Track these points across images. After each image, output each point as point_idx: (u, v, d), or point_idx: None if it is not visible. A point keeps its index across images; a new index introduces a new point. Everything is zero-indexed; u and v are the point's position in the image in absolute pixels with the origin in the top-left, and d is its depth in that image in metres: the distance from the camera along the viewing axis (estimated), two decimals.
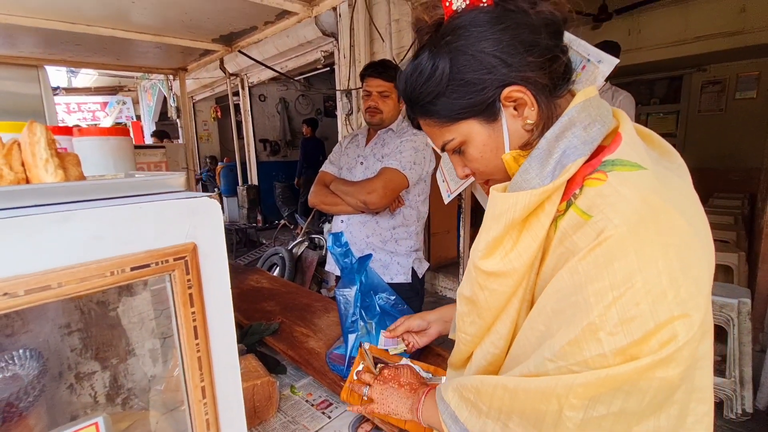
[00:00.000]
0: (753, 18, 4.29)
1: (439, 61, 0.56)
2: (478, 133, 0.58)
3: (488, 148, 0.59)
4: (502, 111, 0.56)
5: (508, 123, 0.57)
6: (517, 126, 0.57)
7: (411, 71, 0.60)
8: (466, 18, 0.55)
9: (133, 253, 0.49)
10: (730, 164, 5.57)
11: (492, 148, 0.59)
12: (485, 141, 0.59)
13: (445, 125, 0.60)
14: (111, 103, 10.05)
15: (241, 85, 6.60)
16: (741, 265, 2.73)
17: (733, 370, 2.01)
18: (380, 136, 1.68)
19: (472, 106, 0.56)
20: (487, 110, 0.56)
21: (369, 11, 3.66)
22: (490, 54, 0.53)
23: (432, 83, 0.57)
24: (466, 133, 0.59)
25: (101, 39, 1.78)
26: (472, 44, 0.54)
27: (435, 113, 0.60)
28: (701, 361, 0.48)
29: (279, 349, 1.20)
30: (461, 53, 0.54)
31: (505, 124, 0.57)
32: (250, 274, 1.92)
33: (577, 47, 0.70)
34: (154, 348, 0.85)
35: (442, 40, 0.56)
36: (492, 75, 0.54)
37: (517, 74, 0.54)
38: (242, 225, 6.17)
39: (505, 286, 0.55)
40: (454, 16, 0.56)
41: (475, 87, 0.55)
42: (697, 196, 0.54)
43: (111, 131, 0.89)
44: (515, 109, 0.56)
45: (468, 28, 0.54)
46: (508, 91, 0.54)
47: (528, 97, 0.54)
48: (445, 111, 0.58)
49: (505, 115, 0.57)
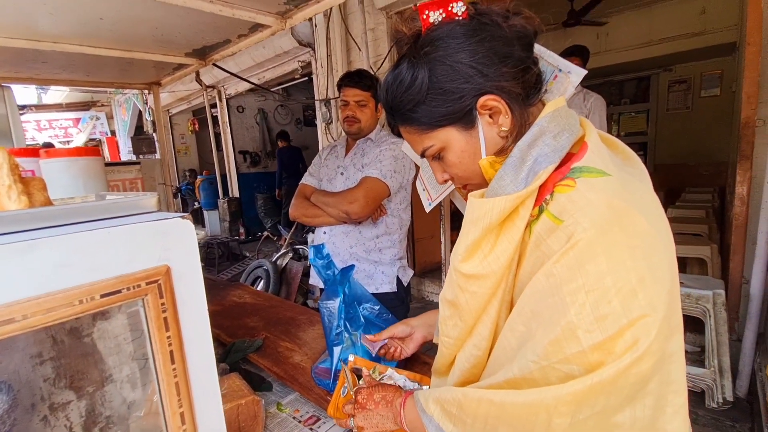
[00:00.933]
0: (713, 19, 4.50)
1: (419, 71, 0.58)
2: (457, 140, 0.61)
3: (466, 154, 0.62)
4: (479, 118, 0.59)
5: (484, 130, 0.59)
6: (493, 133, 0.60)
7: (392, 80, 0.62)
8: (443, 30, 0.57)
9: (102, 280, 0.48)
10: (700, 159, 5.79)
11: (469, 154, 0.61)
12: (463, 147, 0.61)
13: (424, 132, 0.62)
14: (84, 119, 9.80)
15: (218, 96, 6.53)
16: (714, 257, 2.83)
17: (712, 360, 2.06)
18: (359, 146, 1.68)
19: (451, 114, 0.59)
20: (464, 118, 0.59)
21: (344, 21, 3.69)
22: (467, 64, 0.56)
23: (412, 92, 0.59)
24: (445, 140, 0.61)
25: (69, 56, 1.74)
26: (449, 55, 0.56)
27: (415, 121, 0.62)
28: (674, 356, 0.50)
29: (263, 365, 1.17)
30: (440, 63, 0.57)
31: (482, 131, 0.59)
32: (233, 289, 1.89)
33: (548, 58, 0.72)
34: (133, 373, 0.83)
35: (421, 50, 0.59)
36: (469, 84, 0.57)
37: (492, 84, 0.56)
38: (224, 238, 6.06)
39: (484, 288, 0.57)
40: (432, 29, 0.58)
41: (453, 95, 0.57)
42: (658, 199, 0.56)
43: (80, 151, 0.87)
44: (491, 117, 0.59)
45: (445, 39, 0.57)
46: (484, 100, 0.57)
47: (502, 105, 0.57)
48: (425, 119, 0.61)
49: (481, 123, 0.59)
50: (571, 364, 0.47)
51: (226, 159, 6.95)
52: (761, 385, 1.89)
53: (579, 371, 0.47)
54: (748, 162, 2.30)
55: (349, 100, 1.59)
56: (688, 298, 2.08)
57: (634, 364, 0.45)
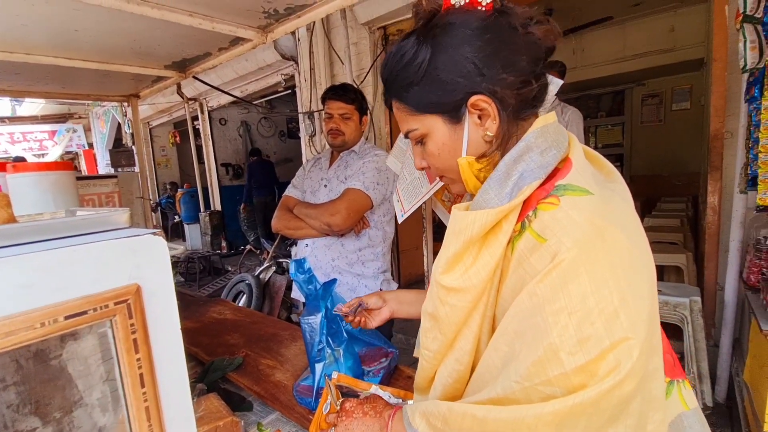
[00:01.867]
0: (682, 36, 4.72)
1: (421, 51, 0.58)
2: (440, 131, 0.61)
3: (446, 148, 0.62)
4: (467, 116, 0.59)
5: (469, 129, 0.59)
6: (478, 135, 0.60)
7: (394, 52, 0.62)
8: (459, 17, 0.56)
9: (67, 301, 0.46)
10: (674, 170, 5.99)
11: (450, 149, 0.62)
12: (445, 140, 0.61)
13: (412, 114, 0.62)
14: (60, 131, 9.55)
15: (200, 109, 6.46)
16: (690, 264, 2.90)
17: (691, 367, 2.10)
18: (343, 158, 1.68)
19: (440, 104, 0.59)
20: (452, 111, 0.59)
21: (327, 36, 3.72)
22: (468, 59, 0.56)
23: (410, 70, 0.59)
24: (430, 127, 0.62)
25: (44, 67, 1.70)
26: (455, 45, 0.56)
27: (406, 99, 0.62)
28: (656, 372, 0.51)
29: (243, 384, 1.14)
30: (443, 50, 0.56)
31: (467, 130, 0.59)
32: (213, 305, 1.84)
33: None
34: (104, 396, 0.79)
35: (431, 31, 0.58)
36: (465, 80, 0.56)
37: (487, 86, 0.56)
38: (205, 253, 5.93)
39: (464, 301, 0.57)
40: (450, 11, 0.58)
41: (446, 86, 0.57)
42: (638, 216, 0.57)
43: (50, 166, 0.84)
44: (479, 119, 0.59)
45: (457, 27, 0.56)
46: (475, 99, 0.57)
47: (492, 109, 0.57)
48: (414, 101, 0.61)
49: (469, 122, 0.59)
50: (553, 386, 0.47)
51: (208, 172, 6.85)
52: (739, 390, 1.93)
53: (561, 393, 0.46)
54: (718, 172, 2.38)
55: (333, 113, 1.60)
56: (666, 305, 2.13)
57: (616, 386, 0.44)
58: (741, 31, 1.55)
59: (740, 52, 1.59)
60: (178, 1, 1.24)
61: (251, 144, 7.47)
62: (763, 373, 1.43)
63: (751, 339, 1.61)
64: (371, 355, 1.15)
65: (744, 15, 1.53)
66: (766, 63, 1.51)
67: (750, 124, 1.96)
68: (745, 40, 1.53)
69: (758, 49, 1.52)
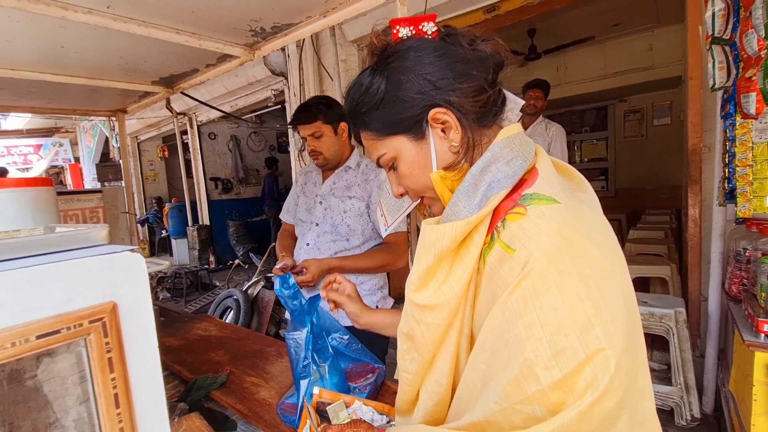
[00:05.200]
0: (660, 55, 4.89)
1: (377, 77, 0.61)
2: (407, 150, 0.62)
3: (417, 165, 0.63)
4: (430, 131, 0.60)
5: (435, 143, 0.61)
6: (444, 147, 0.61)
7: (353, 84, 0.65)
8: (408, 44, 0.60)
9: (38, 320, 0.45)
10: (657, 183, 6.13)
11: (420, 166, 0.62)
12: (414, 158, 0.62)
13: (378, 138, 0.64)
14: (46, 145, 9.42)
15: (189, 123, 6.45)
16: (674, 276, 2.95)
17: (678, 378, 2.11)
18: (339, 176, 1.62)
19: (401, 122, 0.61)
20: (415, 127, 0.60)
21: (317, 52, 3.77)
22: (422, 76, 0.58)
23: (368, 96, 0.61)
24: (397, 148, 0.63)
25: (29, 83, 1.69)
26: (408, 66, 0.59)
27: (370, 125, 0.64)
28: (646, 392, 0.49)
29: (226, 403, 1.11)
30: (397, 73, 0.59)
31: (433, 144, 0.61)
32: (198, 322, 1.81)
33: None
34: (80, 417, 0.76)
35: (385, 61, 0.61)
36: (421, 95, 0.58)
37: (443, 97, 0.58)
38: (193, 267, 5.84)
39: (439, 319, 0.56)
40: (399, 42, 0.61)
41: (405, 104, 0.59)
42: (610, 226, 0.57)
43: (29, 182, 0.83)
44: (443, 131, 0.60)
45: (407, 51, 0.59)
46: (434, 112, 0.58)
47: (453, 119, 0.58)
48: (377, 124, 0.63)
49: (434, 136, 0.60)
50: (532, 405, 0.45)
51: (197, 186, 6.80)
52: (726, 400, 1.94)
53: (541, 411, 0.45)
54: (697, 186, 2.45)
55: (304, 135, 1.57)
56: (651, 317, 2.15)
57: (596, 403, 0.43)
58: (710, 52, 1.61)
59: (709, 72, 1.65)
60: (165, 19, 1.25)
61: (241, 159, 7.46)
62: (747, 383, 1.44)
63: (735, 349, 1.64)
64: (357, 371, 1.14)
65: (713, 37, 1.60)
66: (737, 81, 1.57)
67: (726, 139, 2.03)
68: (714, 61, 1.59)
69: (726, 69, 1.58)
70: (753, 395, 1.40)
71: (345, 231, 1.54)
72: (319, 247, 1.57)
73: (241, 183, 7.48)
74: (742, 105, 1.52)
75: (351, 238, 1.55)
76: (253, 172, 7.71)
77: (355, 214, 1.54)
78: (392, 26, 0.61)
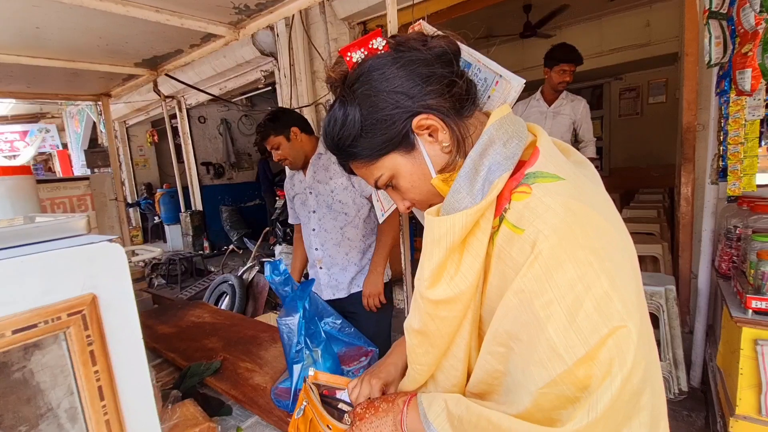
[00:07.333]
0: (657, 31, 4.82)
1: (349, 108, 0.60)
2: (402, 165, 0.61)
3: (416, 177, 0.62)
4: (418, 140, 0.59)
5: (426, 149, 0.60)
6: (436, 150, 0.60)
7: (327, 123, 0.63)
8: (366, 65, 0.59)
9: (14, 314, 0.43)
10: (651, 162, 6.13)
11: (419, 176, 0.61)
12: (411, 171, 0.61)
13: (371, 163, 0.62)
14: (32, 132, 9.20)
15: (178, 107, 6.31)
16: (665, 254, 2.98)
17: (667, 353, 2.16)
18: (314, 164, 1.76)
19: (389, 140, 0.59)
20: (403, 141, 0.59)
21: (307, 31, 3.67)
22: (392, 91, 0.57)
23: (347, 128, 0.60)
24: (392, 167, 0.62)
25: (5, 66, 1.63)
26: (375, 87, 0.58)
27: (359, 155, 0.62)
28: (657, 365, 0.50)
29: (221, 389, 1.12)
30: (368, 96, 0.58)
31: (425, 151, 0.60)
32: (191, 308, 1.80)
33: (490, 65, 0.73)
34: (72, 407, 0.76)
35: (349, 89, 0.60)
36: (399, 109, 0.57)
37: (420, 104, 0.57)
38: (187, 254, 5.82)
39: (455, 311, 0.56)
40: (356, 67, 0.60)
41: (386, 123, 0.58)
42: (611, 200, 0.57)
43: (6, 170, 0.80)
44: (431, 136, 0.59)
45: (369, 73, 0.58)
46: (417, 121, 0.57)
47: (436, 122, 0.57)
48: (366, 150, 0.61)
49: (423, 143, 0.59)
50: (559, 386, 0.45)
51: (188, 171, 6.71)
52: (713, 375, 1.99)
53: (570, 390, 0.45)
54: (690, 164, 2.44)
55: (269, 149, 1.74)
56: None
57: (626, 380, 0.43)
58: (707, 26, 1.58)
59: (705, 47, 1.62)
60: None
61: (232, 143, 7.35)
62: (734, 358, 1.47)
63: (723, 325, 1.67)
64: (351, 354, 1.15)
65: (710, 11, 1.56)
66: (732, 57, 1.55)
67: (721, 117, 2.02)
68: (711, 36, 1.56)
69: (722, 45, 1.55)
70: (739, 369, 1.43)
71: (339, 207, 1.70)
72: (325, 228, 1.74)
73: (233, 167, 7.38)
74: (737, 81, 1.50)
75: (347, 211, 1.72)
76: (245, 156, 7.60)
77: (341, 188, 1.69)
78: (343, 55, 0.61)
